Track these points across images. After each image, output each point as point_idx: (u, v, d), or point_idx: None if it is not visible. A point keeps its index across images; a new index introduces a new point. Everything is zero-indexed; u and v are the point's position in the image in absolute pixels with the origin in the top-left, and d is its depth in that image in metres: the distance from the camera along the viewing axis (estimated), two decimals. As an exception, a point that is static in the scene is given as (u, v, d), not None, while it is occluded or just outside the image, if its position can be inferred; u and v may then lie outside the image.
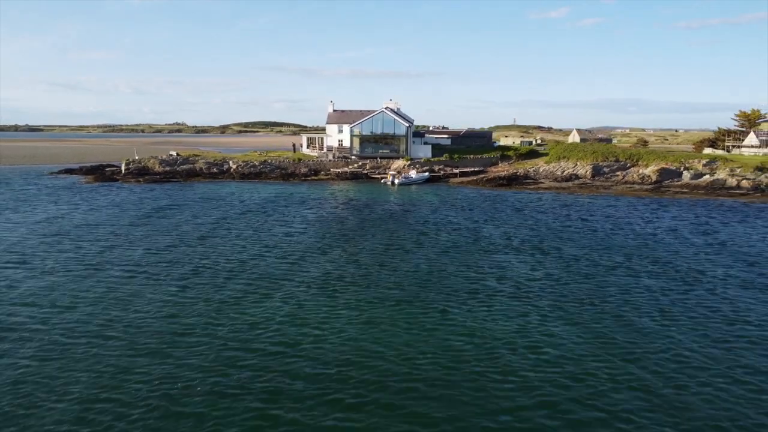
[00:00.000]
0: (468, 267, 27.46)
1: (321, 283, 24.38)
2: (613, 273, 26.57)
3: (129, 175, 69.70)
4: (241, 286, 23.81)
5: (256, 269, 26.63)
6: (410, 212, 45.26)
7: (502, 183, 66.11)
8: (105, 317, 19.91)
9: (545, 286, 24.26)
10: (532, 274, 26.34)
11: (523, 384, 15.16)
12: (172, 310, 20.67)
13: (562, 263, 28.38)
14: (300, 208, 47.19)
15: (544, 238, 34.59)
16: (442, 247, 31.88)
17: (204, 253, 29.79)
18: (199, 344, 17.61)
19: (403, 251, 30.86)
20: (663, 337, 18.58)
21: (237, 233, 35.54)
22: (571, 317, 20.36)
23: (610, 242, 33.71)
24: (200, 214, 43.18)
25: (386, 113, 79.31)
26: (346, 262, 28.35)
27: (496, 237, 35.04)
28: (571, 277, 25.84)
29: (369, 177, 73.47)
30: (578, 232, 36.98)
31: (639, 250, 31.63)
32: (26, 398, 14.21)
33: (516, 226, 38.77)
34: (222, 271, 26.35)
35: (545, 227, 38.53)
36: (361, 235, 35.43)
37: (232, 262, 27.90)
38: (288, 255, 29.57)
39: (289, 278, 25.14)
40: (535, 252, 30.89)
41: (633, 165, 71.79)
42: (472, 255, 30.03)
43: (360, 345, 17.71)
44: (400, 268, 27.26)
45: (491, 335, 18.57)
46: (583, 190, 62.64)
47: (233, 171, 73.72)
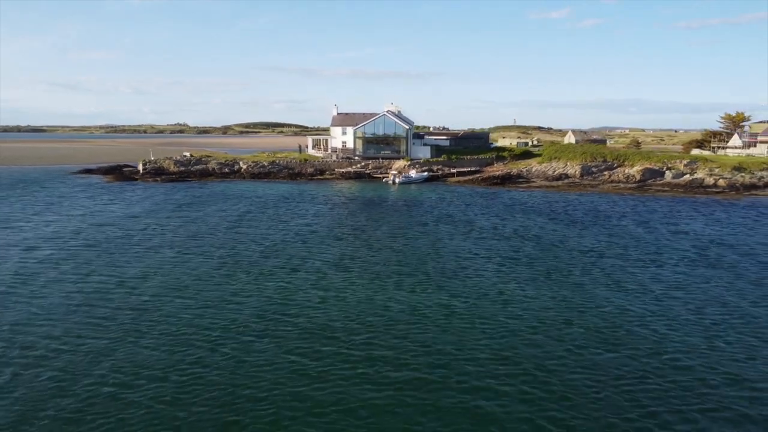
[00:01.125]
0: (460, 249, 32.35)
1: (338, 261, 29.30)
2: (582, 253, 31.47)
3: (147, 175, 74.55)
4: (273, 263, 28.73)
5: (282, 250, 31.56)
6: (411, 207, 50.15)
7: (496, 182, 71.02)
8: (179, 283, 24.86)
9: (523, 263, 29.18)
10: (513, 254, 31.25)
11: (494, 324, 20.11)
12: (222, 281, 25.64)
13: (539, 247, 33.28)
14: (311, 203, 52.09)
15: (528, 228, 39.49)
16: (439, 235, 36.77)
17: (236, 239, 34.73)
18: (247, 301, 22.59)
19: (405, 238, 35.75)
20: (603, 297, 23.51)
21: (261, 224, 40.47)
22: (540, 284, 25.27)
23: (585, 231, 38.63)
24: (225, 208, 48.12)
25: (388, 116, 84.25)
26: (358, 246, 33.26)
27: (486, 227, 39.92)
28: (545, 256, 30.75)
29: (371, 176, 78.29)
30: (559, 223, 41.88)
31: (610, 237, 36.55)
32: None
33: (504, 219, 43.67)
34: (255, 252, 31.27)
35: (531, 219, 43.43)
36: (367, 226, 40.32)
37: (263, 245, 32.84)
38: (308, 240, 34.50)
39: (313, 258, 30.07)
40: (518, 238, 35.77)
41: (620, 165, 76.66)
42: (465, 241, 34.91)
43: (372, 303, 22.65)
44: (402, 251, 32.18)
45: (476, 295, 23.49)
46: (571, 188, 67.53)
47: (244, 171, 78.54)
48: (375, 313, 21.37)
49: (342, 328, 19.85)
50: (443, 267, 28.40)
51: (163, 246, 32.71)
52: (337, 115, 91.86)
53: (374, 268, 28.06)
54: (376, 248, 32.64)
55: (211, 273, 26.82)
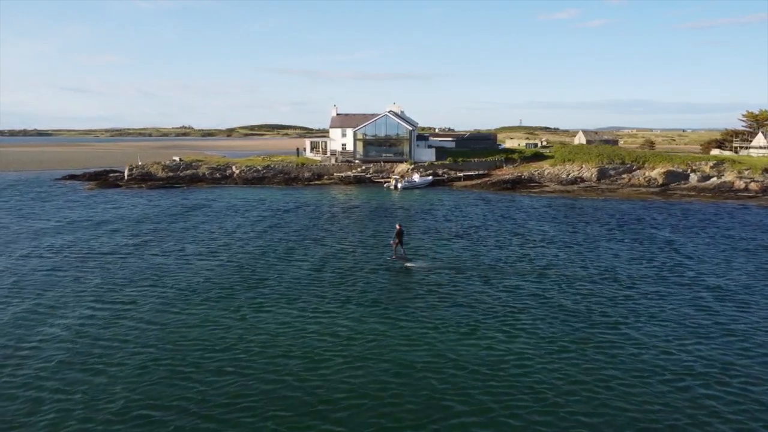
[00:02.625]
0: (493, 275, 27.06)
1: (335, 298, 24.08)
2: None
3: (132, 181, 69.78)
4: (244, 297, 23.57)
5: (258, 275, 26.38)
6: (415, 216, 44.87)
7: (507, 186, 65.59)
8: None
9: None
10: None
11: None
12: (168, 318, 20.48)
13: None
14: (302, 213, 46.94)
15: (548, 243, 34.12)
16: (458, 254, 31.48)
17: (192, 265, 29.58)
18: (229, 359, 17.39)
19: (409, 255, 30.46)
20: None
21: (234, 242, 35.31)
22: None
23: (636, 247, 33.19)
24: (198, 222, 43.03)
25: (390, 116, 79.03)
26: (351, 269, 28.04)
27: (497, 242, 34.60)
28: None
29: (372, 181, 73.16)
30: (579, 234, 36.45)
31: (642, 253, 31.11)
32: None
33: (519, 232, 38.30)
34: (221, 284, 26.11)
35: (561, 231, 38.02)
36: (363, 245, 35.08)
37: (234, 274, 27.66)
38: (291, 259, 29.30)
39: (304, 292, 24.85)
40: (566, 265, 30.44)
41: (639, 167, 71.03)
42: (477, 258, 29.62)
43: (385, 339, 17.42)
44: (402, 277, 26.91)
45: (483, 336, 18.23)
46: (588, 193, 62.01)
47: (236, 176, 73.63)
48: (385, 344, 16.13)
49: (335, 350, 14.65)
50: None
51: (86, 278, 27.63)
52: (336, 116, 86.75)
53: (373, 302, 22.82)
54: (378, 282, 27.40)
55: (151, 307, 21.71)
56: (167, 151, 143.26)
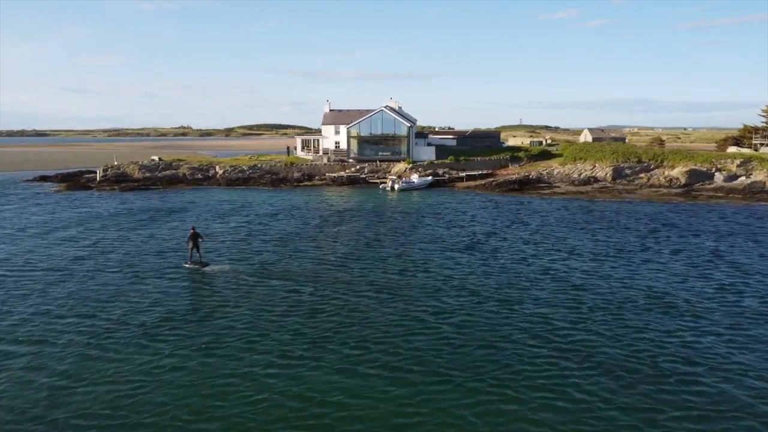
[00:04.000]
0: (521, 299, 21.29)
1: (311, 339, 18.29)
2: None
3: (105, 183, 64.00)
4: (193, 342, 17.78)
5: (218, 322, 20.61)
6: (412, 223, 39.10)
7: (514, 187, 59.79)
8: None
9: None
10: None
11: None
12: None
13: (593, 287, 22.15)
14: (284, 220, 41.17)
15: (573, 254, 28.36)
16: (454, 272, 25.72)
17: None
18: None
19: (401, 279, 24.72)
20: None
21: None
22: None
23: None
24: (160, 231, 37.26)
25: (386, 112, 73.26)
26: (340, 290, 22.29)
27: (512, 254, 28.84)
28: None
29: (367, 182, 67.43)
30: (606, 243, 30.67)
31: (690, 267, 25.34)
32: None
33: (535, 240, 32.53)
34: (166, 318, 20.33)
35: (571, 239, 32.24)
36: (351, 258, 29.33)
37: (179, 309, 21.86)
38: (266, 277, 23.54)
39: (275, 330, 19.07)
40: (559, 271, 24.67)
41: (657, 166, 65.25)
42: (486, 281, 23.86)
43: None
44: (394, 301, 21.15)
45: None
46: (603, 194, 56.22)
47: (219, 177, 67.87)
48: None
49: None
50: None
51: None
52: (329, 112, 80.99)
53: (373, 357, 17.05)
54: (367, 316, 21.64)
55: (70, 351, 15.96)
56: (161, 151, 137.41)
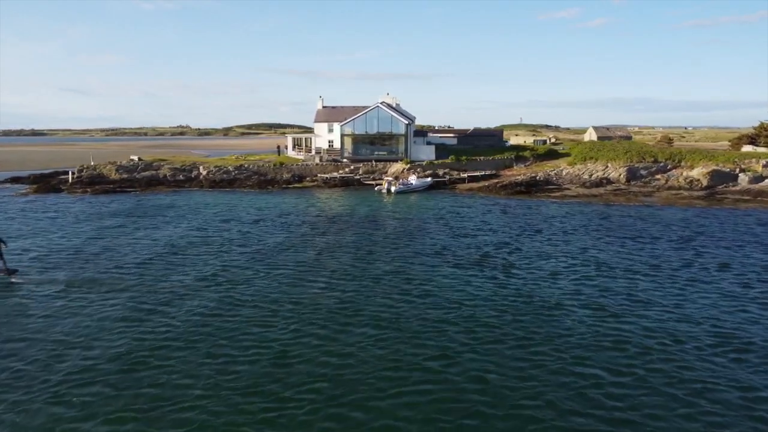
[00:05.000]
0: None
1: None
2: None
3: (77, 185, 59.16)
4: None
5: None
6: (411, 231, 34.28)
7: (521, 190, 54.91)
8: None
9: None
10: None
11: None
12: None
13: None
14: (267, 227, 36.35)
15: (603, 268, 23.55)
16: (475, 294, 20.92)
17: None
18: None
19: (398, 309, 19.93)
20: None
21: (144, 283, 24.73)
22: None
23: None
24: (120, 242, 32.46)
25: (382, 109, 68.43)
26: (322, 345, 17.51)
27: (529, 270, 24.03)
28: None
29: (362, 183, 62.67)
30: (639, 256, 25.88)
31: (757, 289, 20.54)
32: None
33: (555, 253, 27.72)
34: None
35: (595, 250, 27.44)
36: (337, 277, 24.54)
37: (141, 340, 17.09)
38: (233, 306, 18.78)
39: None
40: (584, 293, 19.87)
41: (675, 166, 60.50)
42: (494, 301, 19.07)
43: None
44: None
45: None
46: (619, 197, 51.41)
47: (203, 178, 63.03)
48: None
49: None
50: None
51: None
52: (321, 108, 76.15)
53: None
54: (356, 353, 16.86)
55: None
56: (154, 150, 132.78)
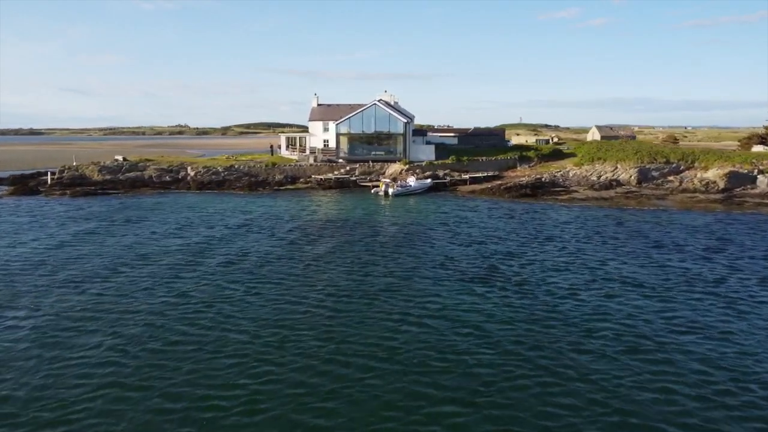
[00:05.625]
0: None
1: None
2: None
3: (56, 187, 55.92)
4: None
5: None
6: (410, 239, 31.10)
7: (526, 192, 51.72)
8: None
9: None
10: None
11: None
12: None
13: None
14: (252, 235, 33.15)
15: (627, 284, 20.40)
16: (489, 327, 17.75)
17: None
18: None
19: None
20: None
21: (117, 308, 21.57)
22: None
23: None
24: (89, 252, 29.28)
25: (379, 106, 65.22)
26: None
27: (546, 285, 20.88)
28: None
29: (358, 185, 59.49)
30: (665, 269, 22.73)
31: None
32: None
33: (571, 266, 24.56)
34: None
35: (616, 262, 24.28)
36: (325, 293, 21.38)
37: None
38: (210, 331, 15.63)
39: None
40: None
41: (688, 167, 57.36)
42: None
43: None
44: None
45: None
46: (631, 201, 48.26)
47: (190, 180, 59.79)
48: None
49: None
50: None
51: None
52: (316, 107, 72.95)
53: None
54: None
55: None
56: (150, 150, 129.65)
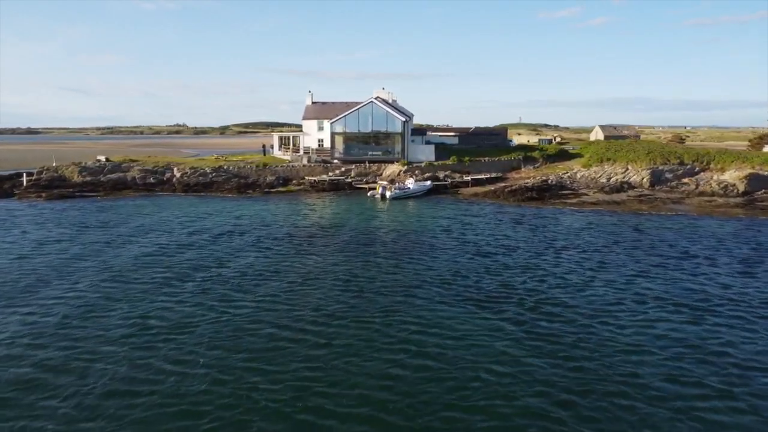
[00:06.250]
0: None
1: None
2: None
3: (32, 189, 52.53)
4: None
5: None
6: (406, 248, 27.79)
7: (532, 196, 48.41)
8: None
9: None
10: None
11: None
12: None
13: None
14: (233, 243, 29.83)
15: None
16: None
17: None
18: None
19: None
20: None
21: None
22: None
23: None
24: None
25: (376, 104, 61.89)
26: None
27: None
28: None
29: (353, 187, 56.21)
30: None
31: None
32: None
33: (589, 280, 21.29)
34: None
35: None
36: (307, 320, 18.11)
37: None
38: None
39: None
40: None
41: (704, 169, 54.10)
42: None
43: None
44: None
45: None
46: (645, 205, 44.97)
47: (176, 181, 56.45)
48: None
49: None
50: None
51: None
52: (311, 104, 69.59)
53: None
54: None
55: None
56: (143, 149, 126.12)
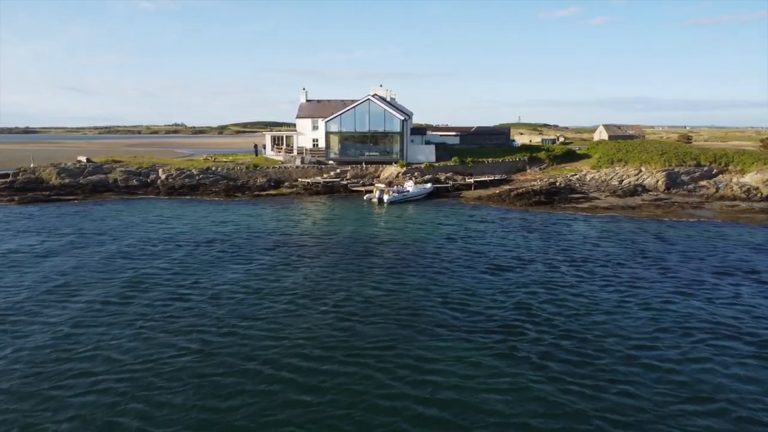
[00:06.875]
0: None
1: None
2: None
3: (5, 192, 49.18)
4: None
5: None
6: (405, 262, 24.47)
7: (540, 200, 45.09)
8: None
9: None
10: None
11: None
12: None
13: None
14: (213, 254, 26.49)
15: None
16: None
17: None
18: None
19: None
20: None
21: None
22: None
23: None
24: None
25: (374, 102, 58.54)
26: None
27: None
28: None
29: (349, 190, 52.88)
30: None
31: None
32: None
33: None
34: None
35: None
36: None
37: None
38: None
39: None
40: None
41: (722, 171, 50.81)
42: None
43: None
44: None
45: None
46: (662, 210, 41.66)
47: (160, 184, 53.12)
48: None
49: None
50: None
51: None
52: (305, 103, 66.33)
53: None
54: None
55: None
56: (137, 149, 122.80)
